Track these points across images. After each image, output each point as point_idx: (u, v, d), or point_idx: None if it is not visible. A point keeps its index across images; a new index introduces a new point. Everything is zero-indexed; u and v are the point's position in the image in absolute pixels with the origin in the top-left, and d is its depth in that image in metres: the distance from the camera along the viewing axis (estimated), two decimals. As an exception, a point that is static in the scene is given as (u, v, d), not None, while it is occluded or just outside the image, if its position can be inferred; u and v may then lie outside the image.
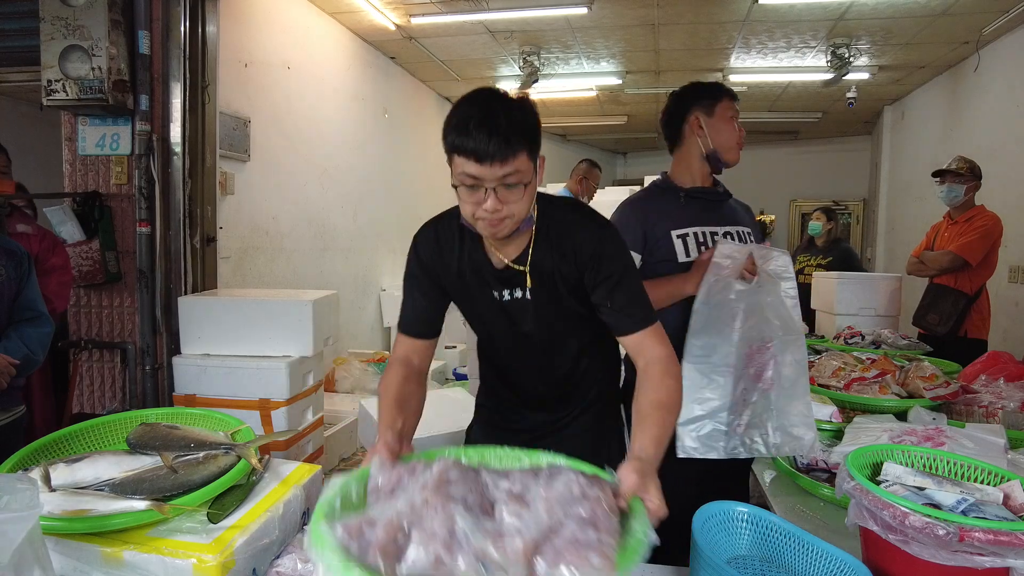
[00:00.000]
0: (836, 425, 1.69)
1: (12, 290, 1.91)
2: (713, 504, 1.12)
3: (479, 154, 1.06)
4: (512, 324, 1.34)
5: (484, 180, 1.08)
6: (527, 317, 1.32)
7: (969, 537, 0.83)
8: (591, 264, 1.24)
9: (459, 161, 1.09)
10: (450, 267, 1.30)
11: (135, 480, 1.06)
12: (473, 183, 1.09)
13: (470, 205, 1.13)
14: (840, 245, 4.72)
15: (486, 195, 1.10)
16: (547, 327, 1.34)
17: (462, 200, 1.14)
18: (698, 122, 1.75)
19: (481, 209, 1.12)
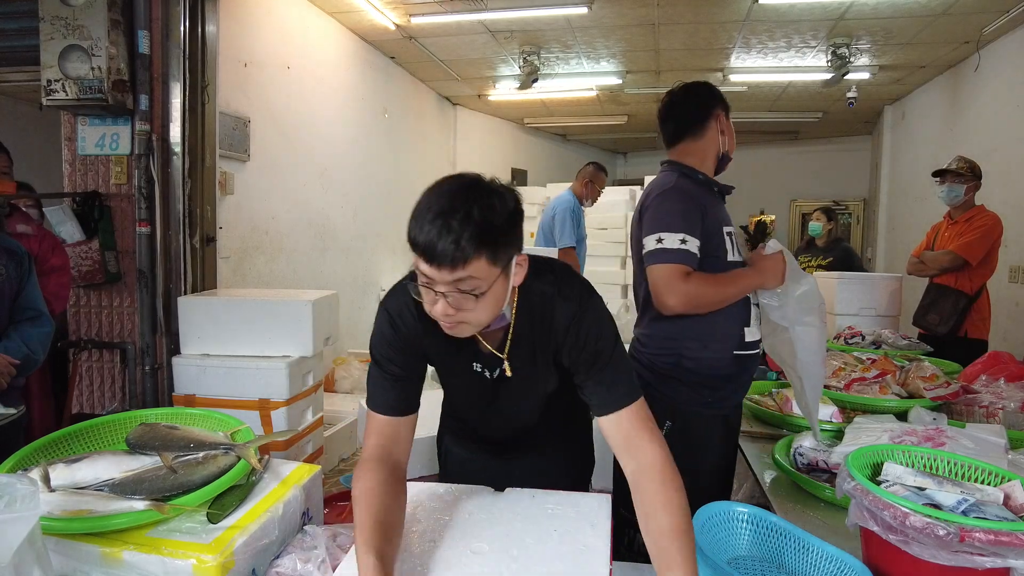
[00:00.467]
0: (836, 425, 1.69)
1: (13, 289, 1.91)
2: (713, 504, 1.12)
3: (428, 254, 0.94)
4: (488, 393, 1.26)
5: (434, 283, 0.96)
6: (506, 393, 1.26)
7: (970, 537, 0.83)
8: (567, 339, 1.13)
9: (416, 257, 0.97)
10: (426, 334, 1.15)
11: (135, 480, 1.06)
12: (426, 283, 0.98)
13: (427, 306, 1.02)
14: (840, 245, 4.72)
15: (436, 298, 0.98)
16: (525, 400, 1.29)
17: (421, 296, 1.02)
18: (724, 120, 1.74)
19: (434, 309, 1.00)
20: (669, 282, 1.54)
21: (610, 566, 0.94)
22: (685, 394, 1.66)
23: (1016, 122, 4.48)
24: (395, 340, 1.15)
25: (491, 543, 0.98)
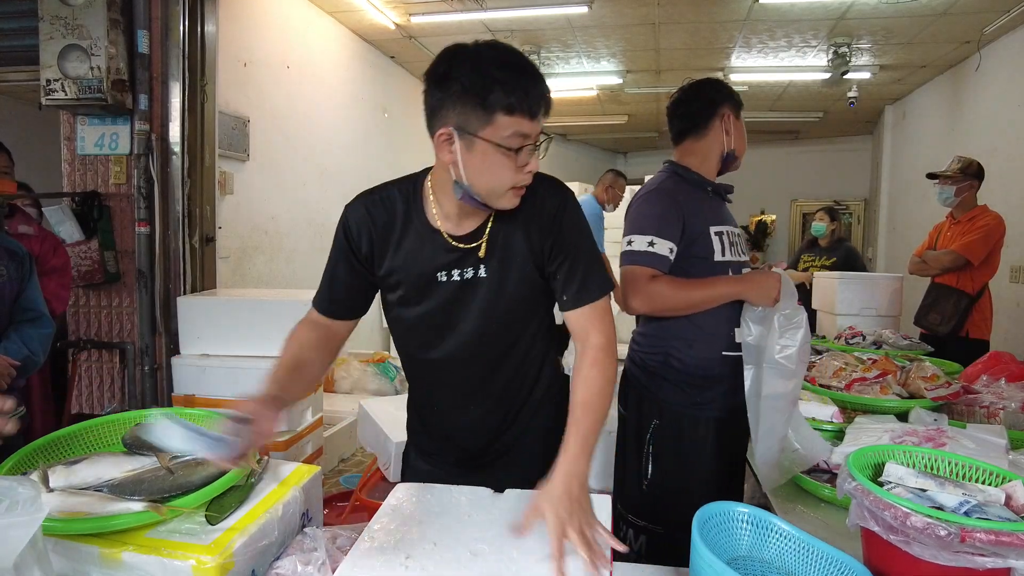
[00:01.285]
0: (837, 425, 1.69)
1: (13, 290, 1.91)
2: (713, 504, 1.11)
3: (533, 109, 0.99)
4: (452, 315, 1.19)
5: (531, 137, 1.02)
6: (474, 303, 1.17)
7: (971, 538, 0.83)
8: (552, 227, 1.15)
9: (508, 121, 0.99)
10: (387, 244, 1.17)
11: (134, 481, 1.05)
12: (522, 144, 1.01)
13: (510, 172, 1.03)
14: (843, 245, 4.72)
15: (531, 154, 1.03)
16: (494, 318, 1.19)
17: (498, 167, 1.02)
18: (731, 119, 1.72)
19: (522, 174, 1.03)
20: (633, 284, 1.58)
21: (610, 566, 0.93)
22: (672, 393, 1.67)
23: (1017, 122, 4.47)
24: (345, 241, 1.18)
25: (491, 543, 0.98)
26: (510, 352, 1.25)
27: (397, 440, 2.26)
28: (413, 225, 1.16)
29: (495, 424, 1.31)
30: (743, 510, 1.11)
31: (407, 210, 1.17)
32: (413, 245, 1.16)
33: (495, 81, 0.97)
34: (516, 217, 1.15)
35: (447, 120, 1.03)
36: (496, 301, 1.18)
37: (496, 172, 1.03)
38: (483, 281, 1.16)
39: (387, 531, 1.01)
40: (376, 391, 4.45)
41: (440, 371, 1.26)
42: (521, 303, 1.20)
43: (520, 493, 1.16)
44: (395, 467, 2.26)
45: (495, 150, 1.01)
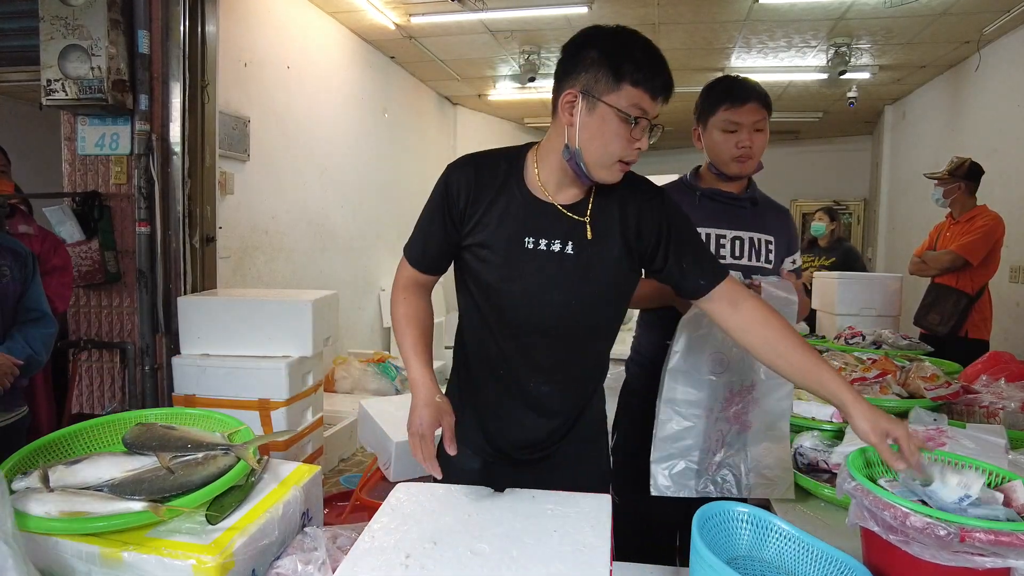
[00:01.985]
0: (837, 425, 1.69)
1: (17, 290, 1.91)
2: (713, 504, 1.12)
3: (656, 89, 1.08)
4: (535, 285, 1.17)
5: (647, 115, 1.09)
6: (562, 275, 1.17)
7: (970, 538, 0.83)
8: (660, 224, 1.20)
9: (633, 92, 1.07)
10: (480, 203, 1.18)
11: (134, 481, 1.05)
12: (640, 116, 1.08)
13: (622, 141, 1.10)
14: (843, 245, 4.73)
15: (642, 132, 1.10)
16: (581, 294, 1.19)
17: (612, 134, 1.09)
18: (697, 134, 1.73)
19: (631, 148, 1.10)
20: None
21: (610, 566, 0.94)
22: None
23: (1017, 122, 4.47)
24: (442, 197, 1.20)
25: (491, 543, 0.98)
26: (589, 338, 1.26)
27: (397, 440, 2.26)
28: (511, 188, 1.19)
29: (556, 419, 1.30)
30: (743, 510, 1.11)
31: (508, 173, 1.20)
32: (507, 207, 1.18)
33: (629, 54, 1.07)
34: (614, 199, 1.20)
35: (576, 83, 1.11)
36: (586, 276, 1.18)
37: (610, 139, 1.09)
38: (570, 257, 1.17)
39: (387, 531, 1.01)
40: (376, 391, 4.45)
41: (512, 345, 1.24)
42: (609, 285, 1.22)
43: (520, 493, 1.16)
44: (395, 467, 2.26)
45: (615, 116, 1.07)
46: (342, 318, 4.23)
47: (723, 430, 1.47)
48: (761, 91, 1.65)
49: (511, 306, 1.20)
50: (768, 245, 1.71)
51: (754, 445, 1.46)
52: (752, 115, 1.62)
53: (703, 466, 1.46)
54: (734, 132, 1.62)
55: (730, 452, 1.46)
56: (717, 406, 1.46)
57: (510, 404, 1.28)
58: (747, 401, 1.48)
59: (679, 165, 1.94)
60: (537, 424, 1.29)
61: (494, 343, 1.25)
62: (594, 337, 1.27)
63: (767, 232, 1.71)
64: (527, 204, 1.18)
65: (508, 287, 1.19)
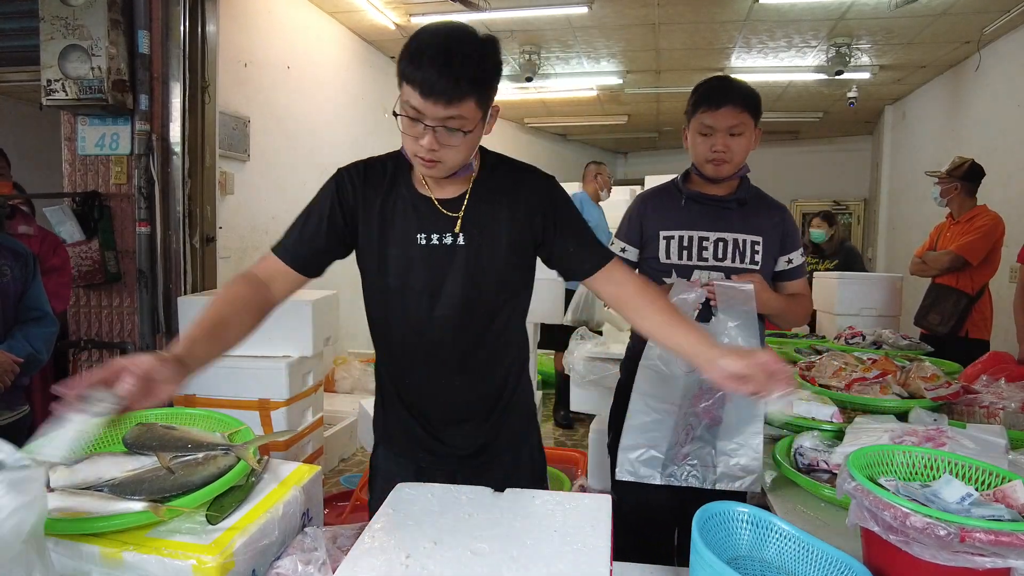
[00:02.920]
0: (837, 426, 1.69)
1: (17, 290, 1.92)
2: (713, 504, 1.11)
3: (424, 89, 1.03)
4: (431, 279, 1.21)
5: (425, 116, 1.06)
6: (453, 269, 1.20)
7: (970, 538, 0.83)
8: (545, 210, 1.23)
9: (406, 90, 1.06)
10: (372, 202, 1.22)
11: (134, 481, 1.05)
12: (415, 116, 1.07)
13: (409, 139, 1.11)
14: (844, 246, 4.75)
15: (423, 131, 1.07)
16: (473, 287, 1.22)
17: (403, 130, 1.11)
18: (684, 134, 1.75)
19: (417, 144, 1.09)
20: None
21: (610, 566, 0.93)
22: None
23: (1017, 122, 4.47)
24: (329, 194, 1.24)
25: (491, 543, 0.98)
26: (491, 324, 1.27)
27: (397, 440, 2.26)
28: (398, 187, 1.23)
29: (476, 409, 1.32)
30: (743, 510, 1.11)
31: (395, 173, 1.24)
32: (397, 206, 1.22)
33: (407, 52, 1.05)
34: (497, 189, 1.23)
35: None
36: (477, 266, 1.21)
37: (403, 136, 1.12)
38: (461, 248, 1.20)
39: (387, 531, 1.01)
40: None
41: (420, 343, 1.27)
42: (502, 271, 1.24)
43: (520, 492, 1.16)
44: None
45: (401, 113, 1.09)
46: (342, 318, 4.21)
47: (692, 424, 1.51)
48: (745, 93, 1.63)
49: (411, 302, 1.24)
50: (755, 246, 1.69)
51: (724, 439, 1.50)
52: (728, 119, 1.61)
53: (669, 456, 1.51)
54: (708, 135, 1.64)
55: (698, 444, 1.51)
56: (687, 401, 1.51)
57: (432, 390, 1.31)
58: (719, 397, 1.52)
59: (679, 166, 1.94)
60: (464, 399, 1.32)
61: (401, 346, 1.30)
62: (496, 324, 1.29)
63: (754, 233, 1.70)
64: (414, 201, 1.22)
65: (407, 284, 1.23)
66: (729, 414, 1.50)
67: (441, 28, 1.07)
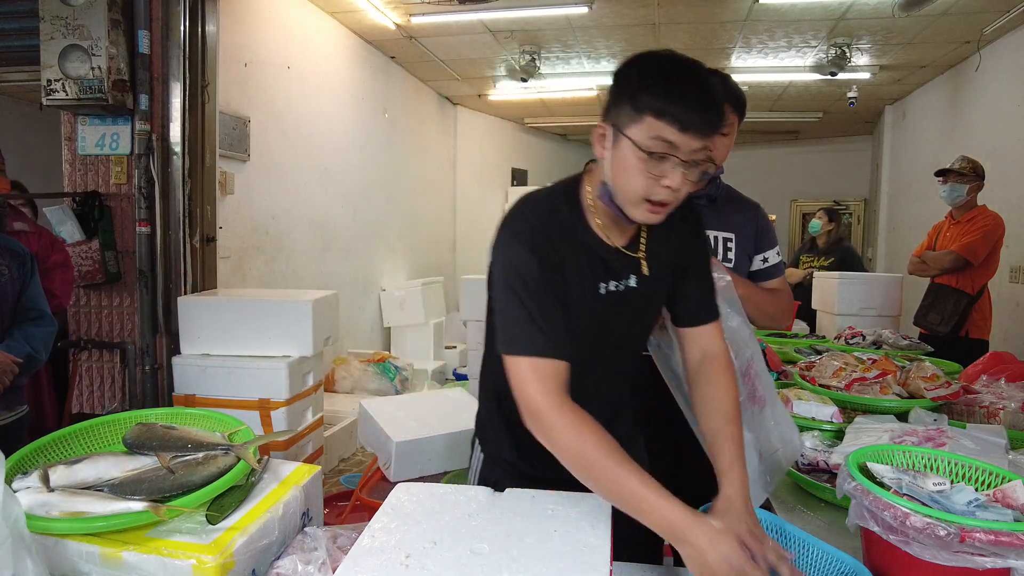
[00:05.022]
0: (837, 426, 1.69)
1: (15, 290, 1.91)
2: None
3: (686, 122, 0.94)
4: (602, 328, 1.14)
5: (678, 151, 0.96)
6: (626, 314, 1.14)
7: (970, 538, 0.83)
8: (694, 242, 1.18)
9: (655, 124, 0.95)
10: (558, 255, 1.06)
11: (134, 481, 1.05)
12: (664, 153, 0.96)
13: (645, 179, 0.98)
14: (842, 245, 4.73)
15: (671, 169, 0.97)
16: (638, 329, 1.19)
17: (635, 171, 0.99)
18: None
19: (659, 186, 0.98)
20: None
21: (610, 566, 0.93)
22: None
23: (1017, 122, 4.47)
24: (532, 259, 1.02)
25: (491, 543, 0.98)
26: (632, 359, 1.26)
27: (397, 440, 2.26)
28: (579, 234, 1.10)
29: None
30: (743, 510, 1.11)
31: (572, 220, 1.11)
32: (579, 256, 1.09)
33: (655, 82, 0.96)
34: (666, 230, 1.15)
35: (607, 116, 1.05)
36: (645, 311, 1.19)
37: (632, 175, 0.99)
38: (634, 292, 1.14)
39: (387, 531, 1.01)
40: (376, 391, 4.45)
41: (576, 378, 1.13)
42: (657, 311, 1.22)
43: (520, 492, 1.16)
44: (395, 467, 2.26)
45: (634, 151, 0.98)
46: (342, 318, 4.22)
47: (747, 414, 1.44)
48: (732, 93, 1.58)
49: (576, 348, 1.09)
50: (727, 243, 1.67)
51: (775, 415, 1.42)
52: None
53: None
54: None
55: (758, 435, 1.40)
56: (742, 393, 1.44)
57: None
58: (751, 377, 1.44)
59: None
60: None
61: None
62: (636, 358, 1.28)
63: (726, 230, 1.68)
64: (595, 248, 1.11)
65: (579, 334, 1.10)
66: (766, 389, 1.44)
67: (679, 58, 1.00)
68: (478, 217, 7.76)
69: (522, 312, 1.01)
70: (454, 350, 5.73)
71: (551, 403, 0.98)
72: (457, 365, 5.62)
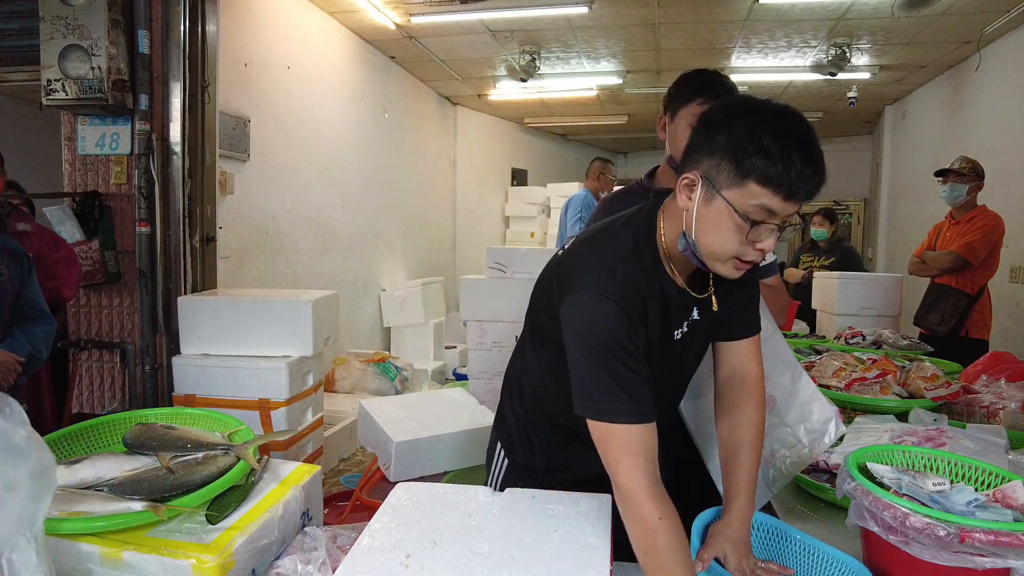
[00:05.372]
0: (837, 425, 1.69)
1: (14, 289, 1.92)
2: (710, 511, 1.12)
3: (792, 190, 0.89)
4: (674, 370, 1.14)
5: (778, 217, 0.92)
6: (692, 348, 1.14)
7: (970, 538, 0.83)
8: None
9: (758, 191, 0.90)
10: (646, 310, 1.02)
11: (134, 481, 1.06)
12: (763, 219, 0.92)
13: (738, 242, 0.94)
14: (842, 245, 4.74)
15: (767, 234, 0.93)
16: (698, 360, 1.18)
17: (728, 233, 0.94)
18: (662, 123, 1.66)
19: (754, 249, 0.95)
20: None
21: (610, 566, 0.93)
22: None
23: (1017, 122, 4.47)
24: (627, 329, 0.97)
25: (491, 543, 0.98)
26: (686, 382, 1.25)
27: (397, 440, 2.26)
28: (661, 285, 1.05)
29: None
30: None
31: (655, 268, 1.05)
32: (659, 303, 1.05)
33: (762, 146, 0.89)
34: None
35: (699, 165, 0.97)
36: (705, 343, 1.17)
37: (725, 237, 0.95)
38: (700, 328, 1.12)
39: (387, 531, 1.01)
40: (376, 391, 4.45)
41: None
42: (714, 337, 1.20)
43: (520, 492, 1.16)
44: (395, 467, 2.26)
45: (732, 215, 0.92)
46: (342, 318, 4.23)
47: None
48: (729, 91, 1.59)
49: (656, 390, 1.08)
50: None
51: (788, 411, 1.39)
52: None
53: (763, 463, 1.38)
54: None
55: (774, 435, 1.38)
56: None
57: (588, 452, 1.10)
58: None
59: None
60: None
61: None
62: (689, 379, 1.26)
63: None
64: (670, 295, 1.06)
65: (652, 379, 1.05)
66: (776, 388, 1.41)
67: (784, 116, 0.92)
68: (478, 217, 7.76)
69: (610, 383, 0.96)
70: (454, 350, 5.73)
71: (647, 492, 0.93)
72: (457, 365, 5.61)
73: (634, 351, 0.98)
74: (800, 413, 1.38)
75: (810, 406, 1.38)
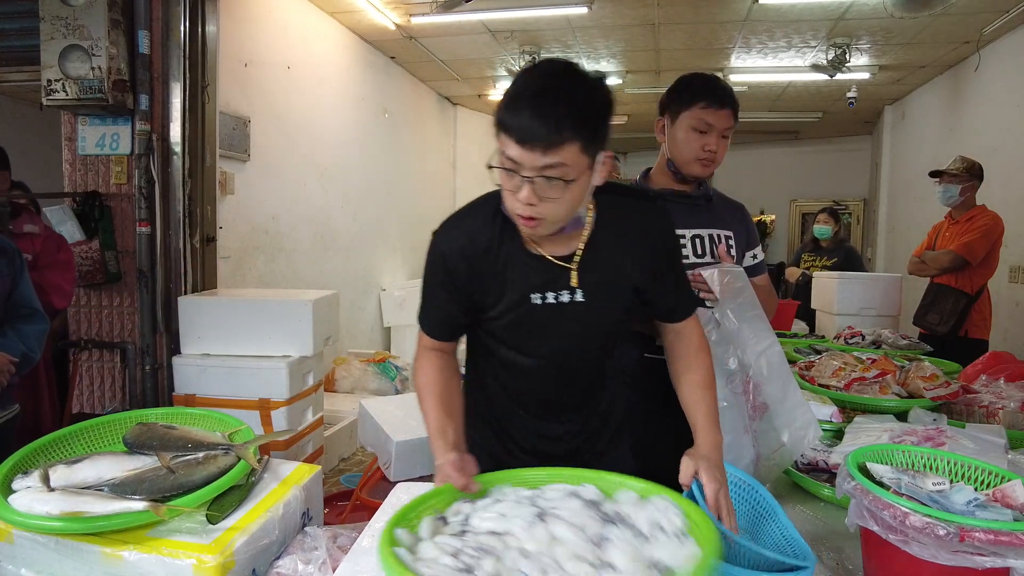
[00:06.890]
0: (836, 425, 1.69)
1: (5, 287, 1.89)
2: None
3: (522, 135, 0.94)
4: (546, 337, 1.18)
5: (522, 167, 0.96)
6: (569, 324, 1.16)
7: (969, 537, 0.83)
8: (659, 252, 1.17)
9: (503, 139, 0.98)
10: (482, 268, 1.13)
11: (135, 480, 1.06)
12: (512, 167, 0.97)
13: (508, 193, 1.02)
14: (844, 245, 4.74)
15: (521, 184, 0.97)
16: (587, 340, 1.22)
17: (502, 185, 1.03)
18: (661, 126, 1.67)
19: (515, 199, 1.00)
20: None
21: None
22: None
23: (1016, 122, 4.47)
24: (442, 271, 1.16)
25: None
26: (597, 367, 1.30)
27: (397, 440, 2.27)
28: (506, 247, 1.14)
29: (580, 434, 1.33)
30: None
31: (502, 230, 1.13)
32: (509, 267, 1.14)
33: (504, 99, 0.99)
34: (616, 235, 1.15)
35: None
36: (596, 319, 1.19)
37: (503, 193, 1.04)
38: (580, 304, 1.15)
39: (387, 530, 1.01)
40: (376, 391, 4.45)
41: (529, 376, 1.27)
42: (620, 319, 1.24)
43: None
44: (395, 467, 2.26)
45: (498, 166, 1.01)
46: (342, 318, 4.22)
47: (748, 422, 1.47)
48: (736, 99, 1.61)
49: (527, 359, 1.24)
50: (728, 240, 1.66)
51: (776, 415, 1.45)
52: (726, 121, 1.57)
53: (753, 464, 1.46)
54: (704, 133, 1.57)
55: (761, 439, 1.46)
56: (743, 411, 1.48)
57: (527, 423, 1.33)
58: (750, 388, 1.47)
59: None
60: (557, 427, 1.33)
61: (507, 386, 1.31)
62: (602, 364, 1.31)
63: (726, 228, 1.67)
64: (525, 259, 1.13)
65: (522, 344, 1.22)
66: (768, 396, 1.46)
67: (541, 67, 1.00)
68: (478, 217, 7.75)
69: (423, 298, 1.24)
70: (454, 349, 5.73)
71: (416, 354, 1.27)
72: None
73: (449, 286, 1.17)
74: (787, 418, 1.45)
75: (795, 412, 1.46)
